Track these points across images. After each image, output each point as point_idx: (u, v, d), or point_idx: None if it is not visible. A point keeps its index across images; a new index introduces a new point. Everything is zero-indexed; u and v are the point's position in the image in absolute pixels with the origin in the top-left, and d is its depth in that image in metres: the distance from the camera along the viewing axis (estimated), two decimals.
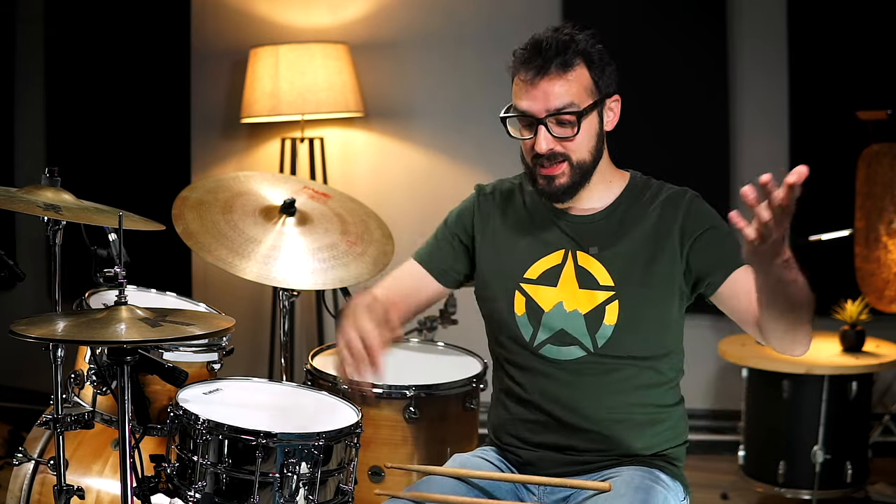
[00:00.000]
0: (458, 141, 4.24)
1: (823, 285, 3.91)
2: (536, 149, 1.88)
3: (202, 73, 4.41)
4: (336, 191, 2.74)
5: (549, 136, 1.86)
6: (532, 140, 1.89)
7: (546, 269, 1.96)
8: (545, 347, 1.95)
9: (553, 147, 1.87)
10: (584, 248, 1.94)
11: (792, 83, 3.98)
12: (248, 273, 2.34)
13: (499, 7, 4.18)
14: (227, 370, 2.32)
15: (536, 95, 1.85)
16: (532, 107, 1.86)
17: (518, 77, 1.89)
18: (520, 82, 1.88)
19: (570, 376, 1.93)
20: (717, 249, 1.90)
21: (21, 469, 2.24)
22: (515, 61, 1.90)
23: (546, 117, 1.85)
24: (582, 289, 1.93)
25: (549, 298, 1.95)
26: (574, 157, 1.88)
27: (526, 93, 1.87)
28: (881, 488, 3.51)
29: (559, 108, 1.85)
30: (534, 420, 1.96)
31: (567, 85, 1.85)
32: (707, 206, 1.95)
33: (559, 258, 1.96)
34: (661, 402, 1.96)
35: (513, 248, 2.01)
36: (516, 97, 1.90)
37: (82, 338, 1.80)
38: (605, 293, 1.91)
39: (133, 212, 2.13)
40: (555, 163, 1.88)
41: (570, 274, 1.94)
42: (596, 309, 1.91)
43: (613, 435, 1.92)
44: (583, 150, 1.89)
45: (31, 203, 1.96)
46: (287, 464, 1.86)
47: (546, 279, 1.96)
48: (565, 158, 1.88)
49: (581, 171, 1.90)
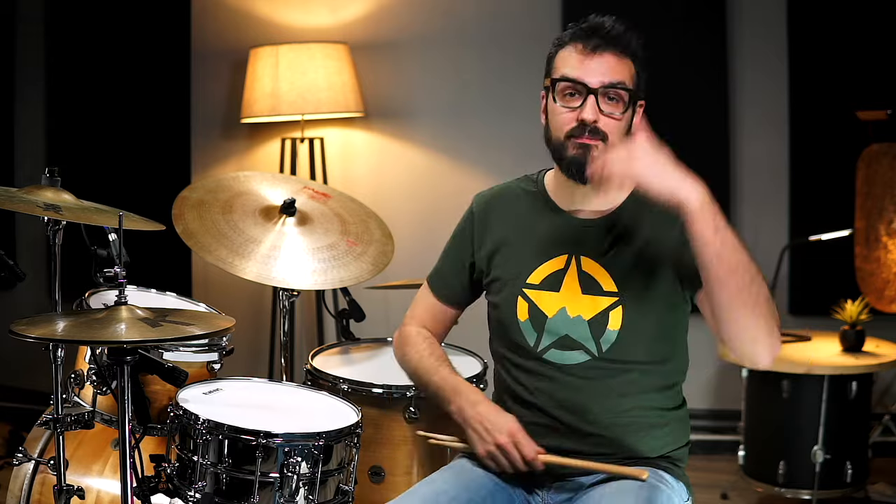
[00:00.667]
0: (458, 141, 4.24)
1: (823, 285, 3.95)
2: (583, 116, 1.84)
3: (202, 73, 4.41)
4: (336, 191, 2.74)
5: (596, 107, 1.84)
6: (575, 111, 1.85)
7: (548, 274, 1.94)
8: (549, 352, 1.94)
9: (597, 120, 1.84)
10: (588, 253, 1.92)
11: (792, 83, 3.98)
12: (248, 273, 2.34)
13: (499, 7, 4.18)
14: (227, 370, 2.32)
15: (592, 67, 1.84)
16: (586, 76, 1.84)
17: (573, 48, 1.87)
18: (575, 53, 1.86)
19: (575, 380, 1.92)
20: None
21: (21, 469, 2.25)
22: (570, 35, 1.88)
23: (600, 89, 1.84)
24: (585, 294, 1.91)
25: (552, 304, 1.93)
26: (612, 138, 1.85)
27: (581, 63, 1.85)
28: (881, 488, 3.51)
29: (613, 84, 1.84)
30: (537, 423, 1.95)
31: (622, 66, 1.85)
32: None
33: (562, 263, 1.94)
34: (666, 406, 1.95)
35: (515, 253, 1.99)
36: (567, 66, 1.86)
37: (82, 338, 1.80)
38: (608, 299, 1.90)
39: (133, 212, 2.13)
40: (595, 137, 1.85)
41: (572, 279, 1.93)
42: (600, 314, 1.90)
43: (617, 438, 1.91)
44: (619, 135, 1.86)
45: (31, 203, 1.96)
46: (287, 464, 1.86)
47: (549, 284, 1.94)
48: (604, 138, 1.85)
49: None
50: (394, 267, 2.59)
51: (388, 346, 2.60)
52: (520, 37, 4.08)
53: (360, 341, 2.62)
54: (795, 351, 3.47)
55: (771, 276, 3.73)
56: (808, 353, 3.45)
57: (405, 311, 2.17)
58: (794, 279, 4.00)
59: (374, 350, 2.59)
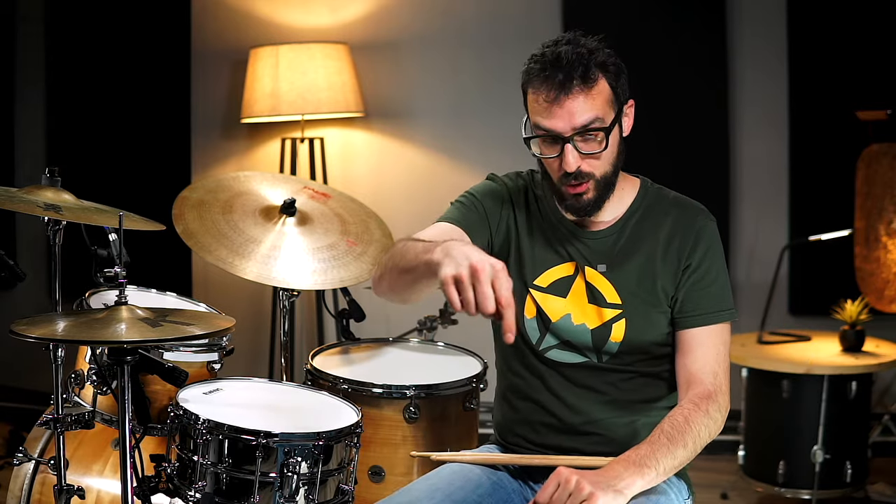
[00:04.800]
0: (458, 141, 4.24)
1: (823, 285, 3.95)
2: (565, 167, 1.81)
3: (202, 73, 4.41)
4: (336, 191, 2.74)
5: (576, 153, 1.81)
6: (557, 159, 1.83)
7: (557, 279, 1.94)
8: (551, 352, 1.94)
9: (580, 164, 1.82)
10: (593, 265, 1.92)
11: (792, 83, 3.98)
12: (248, 273, 2.34)
13: (499, 7, 4.18)
14: (227, 370, 2.32)
15: (561, 114, 1.78)
16: (557, 125, 1.79)
17: (538, 95, 1.81)
18: (541, 101, 1.80)
19: (576, 380, 1.93)
20: (696, 295, 1.89)
21: (21, 469, 2.25)
22: (531, 77, 1.82)
23: (573, 136, 1.80)
24: (591, 304, 1.91)
25: (557, 309, 1.93)
26: (598, 173, 1.84)
27: (549, 112, 1.79)
28: (881, 488, 3.51)
29: (585, 126, 1.79)
30: (539, 420, 1.96)
31: (591, 100, 1.79)
32: (714, 235, 1.91)
33: (571, 269, 1.93)
34: (668, 406, 1.95)
35: (526, 250, 1.97)
36: (537, 115, 1.82)
37: (82, 338, 1.80)
38: (612, 311, 1.90)
39: (133, 212, 2.13)
40: (582, 181, 1.83)
41: (580, 287, 1.92)
42: (603, 325, 1.90)
43: (619, 439, 1.91)
44: (608, 164, 1.85)
45: (31, 203, 1.96)
46: (287, 464, 1.86)
47: (556, 289, 1.93)
48: (591, 177, 1.84)
49: (605, 184, 1.86)
50: None
51: (388, 346, 2.60)
52: (519, 37, 4.08)
53: (360, 341, 2.61)
54: (795, 351, 3.47)
55: (771, 276, 3.73)
56: (807, 353, 3.45)
57: (405, 311, 2.17)
58: (794, 279, 4.00)
59: (375, 350, 2.59)
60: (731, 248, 4.03)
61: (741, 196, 4.06)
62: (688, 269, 1.89)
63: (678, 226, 1.91)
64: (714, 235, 1.91)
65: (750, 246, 4.08)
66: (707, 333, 1.89)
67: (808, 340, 3.60)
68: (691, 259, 1.89)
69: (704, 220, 1.92)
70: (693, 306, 1.89)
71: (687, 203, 1.95)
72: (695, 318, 1.89)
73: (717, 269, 1.90)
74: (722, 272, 1.91)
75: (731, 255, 4.02)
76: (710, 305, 1.89)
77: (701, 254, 1.89)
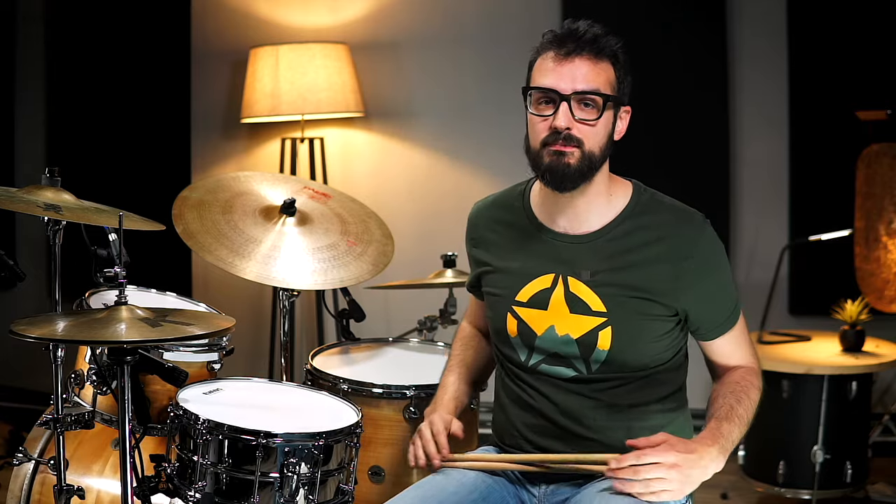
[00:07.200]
0: (458, 141, 4.24)
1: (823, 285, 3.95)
2: (555, 124, 1.81)
3: (202, 73, 4.41)
4: (336, 191, 2.74)
5: (569, 114, 1.81)
6: (549, 119, 1.83)
7: (536, 293, 1.93)
8: (541, 366, 1.94)
9: (570, 128, 1.82)
10: (576, 274, 1.89)
11: (792, 83, 3.98)
12: (248, 273, 2.34)
13: (499, 7, 4.18)
14: (227, 370, 2.32)
15: (564, 74, 1.81)
16: (559, 83, 1.81)
17: (546, 55, 1.84)
18: (548, 60, 1.83)
19: (569, 390, 1.92)
20: (706, 309, 1.91)
21: (21, 469, 2.25)
22: (544, 42, 1.86)
23: (571, 95, 1.81)
24: (573, 313, 1.90)
25: (540, 322, 1.92)
26: (587, 144, 1.83)
27: (554, 70, 1.82)
28: (881, 488, 3.51)
29: (585, 90, 1.81)
30: (535, 425, 1.95)
31: (595, 73, 1.82)
32: (713, 242, 1.89)
33: (549, 282, 1.92)
34: (665, 408, 1.95)
35: (505, 268, 1.98)
36: (541, 74, 1.84)
37: (82, 338, 1.80)
38: (597, 319, 1.88)
39: (133, 212, 2.14)
40: (569, 144, 1.82)
41: (559, 298, 1.90)
42: (588, 334, 1.88)
43: (616, 444, 1.88)
44: (596, 141, 1.84)
45: (31, 203, 1.96)
46: (287, 464, 1.86)
47: (536, 302, 1.93)
48: (579, 144, 1.82)
49: (589, 162, 1.84)
50: (394, 267, 2.60)
51: (388, 346, 2.60)
52: (519, 37, 4.07)
53: (360, 341, 2.62)
54: (795, 351, 3.47)
55: (771, 276, 3.73)
56: (808, 353, 3.45)
57: (405, 311, 2.18)
58: (794, 279, 4.00)
59: (374, 350, 2.59)
60: (732, 248, 4.03)
61: (741, 196, 4.06)
62: (686, 283, 1.86)
63: (671, 234, 1.88)
64: (711, 242, 1.89)
65: (750, 246, 4.07)
66: (728, 338, 1.96)
67: (808, 340, 3.60)
68: (688, 274, 1.86)
69: (700, 228, 1.89)
70: (708, 322, 1.92)
71: (681, 209, 1.92)
72: (713, 330, 1.94)
73: (720, 278, 1.90)
74: (723, 278, 1.91)
75: (731, 256, 4.01)
76: (722, 316, 1.92)
77: (699, 268, 1.86)
